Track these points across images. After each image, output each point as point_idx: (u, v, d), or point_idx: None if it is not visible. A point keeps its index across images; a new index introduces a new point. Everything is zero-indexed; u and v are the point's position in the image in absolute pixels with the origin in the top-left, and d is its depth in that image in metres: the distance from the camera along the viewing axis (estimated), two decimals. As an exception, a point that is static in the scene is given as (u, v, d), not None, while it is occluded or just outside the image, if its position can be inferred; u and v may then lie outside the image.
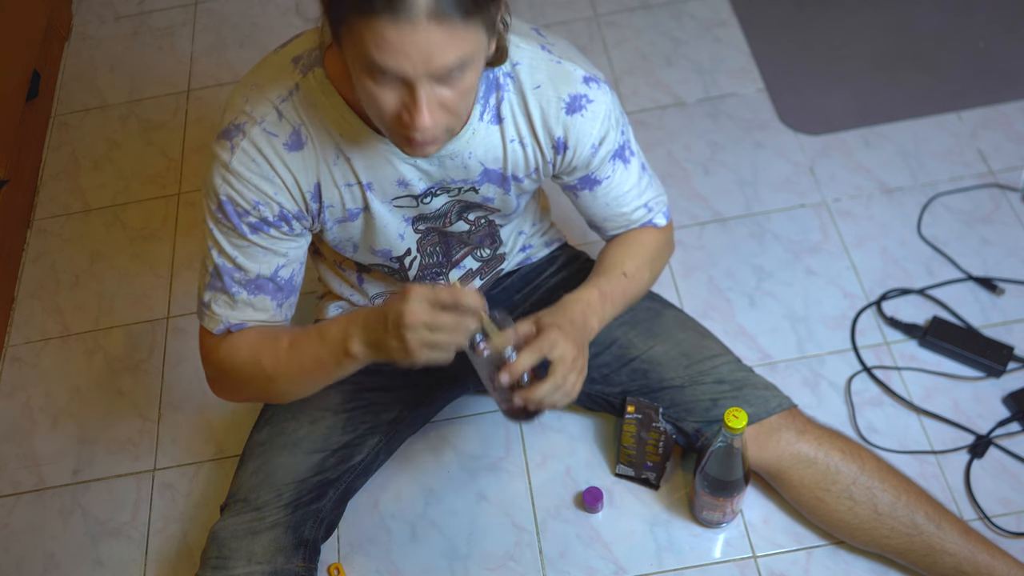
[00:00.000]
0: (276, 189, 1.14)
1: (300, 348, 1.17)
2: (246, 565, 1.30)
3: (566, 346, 1.15)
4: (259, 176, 1.13)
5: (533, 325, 1.17)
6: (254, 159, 1.12)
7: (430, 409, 1.56)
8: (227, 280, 1.19)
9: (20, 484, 1.66)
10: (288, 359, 1.18)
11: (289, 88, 1.12)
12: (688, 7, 2.21)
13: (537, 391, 1.13)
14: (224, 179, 1.13)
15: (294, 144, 1.13)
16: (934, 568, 1.35)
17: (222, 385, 1.29)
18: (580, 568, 1.49)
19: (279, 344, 1.19)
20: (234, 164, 1.12)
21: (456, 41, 0.93)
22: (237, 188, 1.13)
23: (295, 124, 1.12)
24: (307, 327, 1.19)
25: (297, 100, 1.12)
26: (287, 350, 1.18)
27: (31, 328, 1.85)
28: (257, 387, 1.24)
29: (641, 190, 1.32)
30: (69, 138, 2.14)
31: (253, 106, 1.12)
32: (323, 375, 1.18)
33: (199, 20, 2.33)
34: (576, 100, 1.19)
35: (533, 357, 1.12)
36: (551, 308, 1.22)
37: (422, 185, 1.20)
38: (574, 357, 1.16)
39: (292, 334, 1.19)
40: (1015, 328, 1.67)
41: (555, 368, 1.14)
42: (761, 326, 1.71)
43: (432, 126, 0.99)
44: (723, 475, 1.35)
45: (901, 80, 2.02)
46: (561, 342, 1.14)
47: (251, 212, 1.14)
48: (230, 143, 1.12)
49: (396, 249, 1.28)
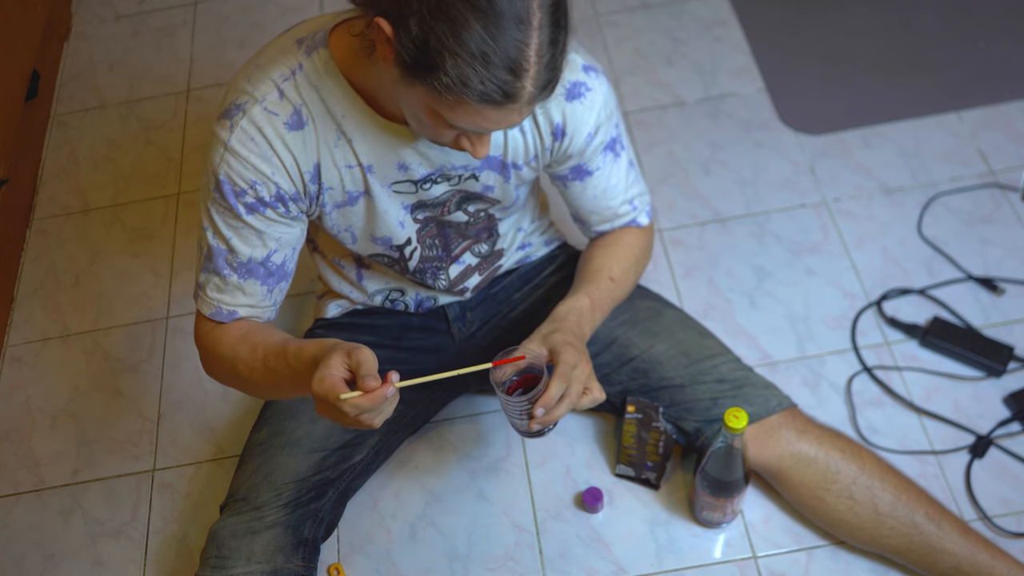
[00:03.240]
0: (274, 169, 1.14)
1: (271, 367, 1.17)
2: (246, 565, 1.30)
3: (583, 365, 1.17)
4: (257, 156, 1.13)
5: (542, 344, 1.18)
6: (253, 138, 1.12)
7: (430, 409, 1.56)
8: (219, 262, 1.19)
9: (20, 484, 1.66)
10: (262, 372, 1.18)
11: (292, 68, 1.12)
12: (688, 7, 2.21)
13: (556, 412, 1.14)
14: (223, 158, 1.13)
15: (294, 124, 1.13)
16: (934, 568, 1.35)
17: (210, 369, 1.30)
18: (580, 568, 1.49)
19: (255, 355, 1.19)
20: (233, 143, 1.12)
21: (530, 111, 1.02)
22: (235, 167, 1.13)
23: (296, 104, 1.13)
24: (283, 344, 1.17)
25: (300, 79, 1.12)
26: (261, 362, 1.18)
27: (30, 328, 1.85)
28: (235, 384, 1.27)
29: (628, 184, 1.34)
30: (69, 138, 2.13)
31: (255, 85, 1.13)
32: (293, 395, 1.20)
33: (199, 20, 2.33)
34: (576, 87, 1.20)
35: (562, 387, 1.14)
36: (552, 322, 1.23)
37: (422, 170, 1.20)
38: (589, 374, 1.18)
39: (267, 347, 1.18)
40: (1015, 328, 1.67)
41: (571, 386, 1.15)
42: (761, 326, 1.71)
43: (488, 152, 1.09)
44: (723, 475, 1.35)
45: (901, 80, 2.02)
46: (580, 362, 1.16)
47: (248, 192, 1.14)
48: (230, 122, 1.13)
49: (396, 237, 1.28)
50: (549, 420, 1.14)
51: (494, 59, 0.92)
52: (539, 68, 0.95)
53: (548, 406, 1.12)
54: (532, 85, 0.96)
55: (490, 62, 0.92)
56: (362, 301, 1.46)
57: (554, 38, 0.96)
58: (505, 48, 0.92)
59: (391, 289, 1.44)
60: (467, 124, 1.00)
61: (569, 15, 0.98)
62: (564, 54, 0.99)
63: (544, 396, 1.12)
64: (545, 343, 1.18)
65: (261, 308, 1.24)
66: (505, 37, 0.92)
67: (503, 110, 0.97)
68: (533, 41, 0.93)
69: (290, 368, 1.13)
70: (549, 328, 1.21)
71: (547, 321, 1.23)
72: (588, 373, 1.18)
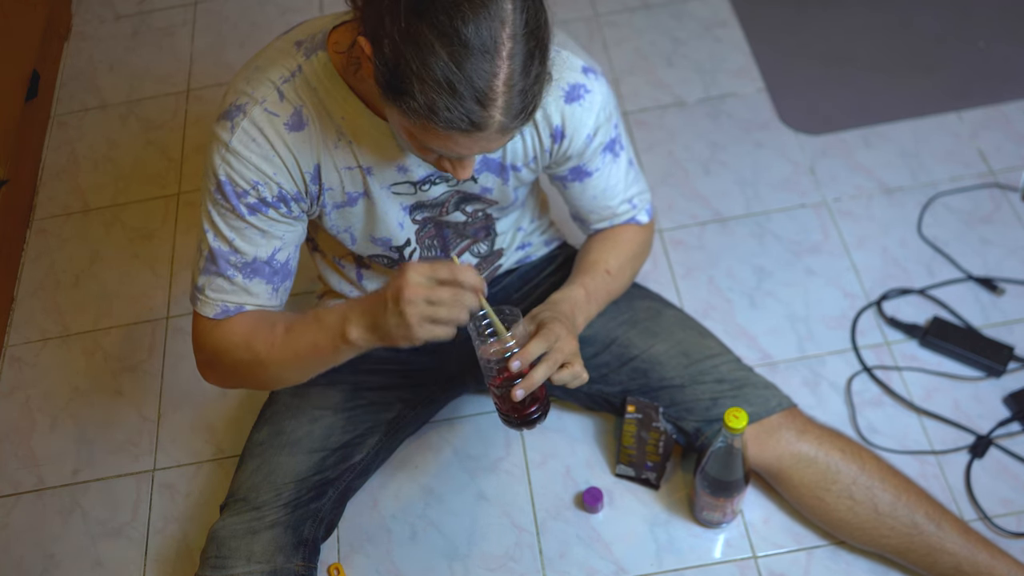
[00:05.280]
0: (276, 169, 1.14)
1: (296, 334, 1.16)
2: (245, 564, 1.30)
3: (568, 339, 1.17)
4: (259, 156, 1.13)
5: (532, 322, 1.20)
6: (254, 139, 1.12)
7: (430, 409, 1.56)
8: (222, 263, 1.19)
9: (20, 484, 1.66)
10: (283, 344, 1.17)
11: (291, 69, 1.12)
12: (688, 7, 2.21)
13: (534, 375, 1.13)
14: (224, 159, 1.13)
15: (295, 124, 1.13)
16: (934, 568, 1.35)
17: (213, 370, 1.28)
18: (580, 568, 1.49)
19: (275, 330, 1.18)
20: (234, 144, 1.12)
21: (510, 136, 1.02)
22: (236, 168, 1.13)
23: (296, 105, 1.13)
24: (304, 313, 1.19)
25: (299, 81, 1.12)
26: (283, 335, 1.17)
27: (30, 328, 1.85)
28: (249, 372, 1.24)
29: (627, 184, 1.34)
30: (69, 138, 2.13)
31: (254, 87, 1.13)
32: (319, 362, 1.18)
33: (199, 20, 2.33)
34: (575, 89, 1.20)
35: (542, 346, 1.14)
36: (543, 305, 1.25)
37: (421, 172, 1.21)
38: (573, 351, 1.18)
39: (288, 319, 1.19)
40: (1015, 328, 1.67)
41: (551, 353, 1.15)
42: (761, 326, 1.71)
43: (470, 174, 1.08)
44: (723, 475, 1.35)
45: (901, 80, 2.02)
46: (564, 335, 1.17)
47: (250, 192, 1.14)
48: (230, 123, 1.12)
49: (396, 238, 1.28)
50: (529, 384, 1.13)
51: (460, 88, 0.92)
52: (508, 98, 0.94)
53: (524, 359, 1.12)
54: (501, 114, 0.95)
55: (456, 91, 0.92)
56: (362, 300, 1.46)
57: (526, 68, 0.94)
58: (471, 78, 0.92)
59: None
60: (440, 148, 1.01)
61: (547, 43, 0.97)
62: (541, 82, 0.98)
63: (523, 350, 1.12)
64: (533, 321, 1.20)
65: (268, 308, 1.24)
66: (471, 67, 0.91)
67: (472, 137, 0.97)
68: (502, 72, 0.93)
69: (319, 323, 1.13)
70: (540, 310, 1.23)
71: (540, 306, 1.25)
72: (572, 350, 1.18)
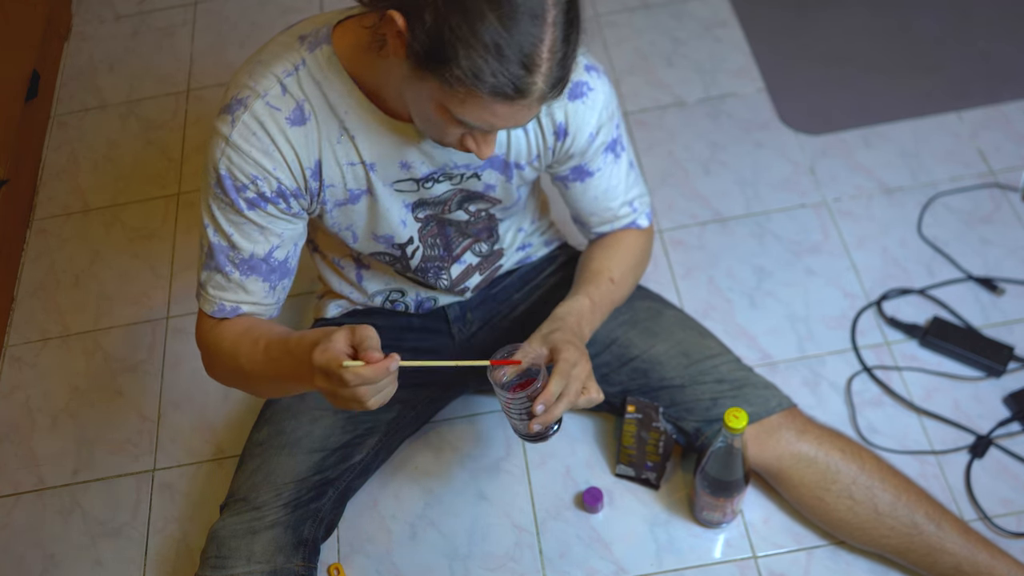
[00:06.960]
0: (275, 164, 1.14)
1: (273, 359, 1.15)
2: (245, 564, 1.30)
3: (582, 363, 1.17)
4: (259, 150, 1.12)
5: (543, 344, 1.19)
6: (255, 132, 1.12)
7: (430, 409, 1.56)
8: (221, 259, 1.19)
9: (20, 484, 1.66)
10: (263, 364, 1.16)
11: (295, 63, 1.12)
12: (688, 7, 2.21)
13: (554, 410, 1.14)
14: (224, 153, 1.13)
15: (296, 119, 1.13)
16: (934, 568, 1.35)
17: (212, 369, 1.28)
18: (580, 568, 1.49)
19: (257, 346, 1.17)
20: (234, 137, 1.12)
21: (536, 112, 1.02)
22: (236, 162, 1.12)
23: (298, 99, 1.12)
24: (285, 336, 1.15)
25: (303, 75, 1.12)
26: (263, 353, 1.16)
27: (30, 328, 1.85)
28: (238, 380, 1.25)
29: (628, 186, 1.34)
30: (69, 138, 2.13)
31: (257, 80, 1.12)
32: (295, 388, 1.18)
33: (199, 20, 2.33)
34: (578, 87, 1.20)
35: (561, 384, 1.14)
36: (552, 322, 1.23)
37: (424, 169, 1.20)
38: (588, 373, 1.18)
39: (268, 339, 1.17)
40: (1015, 328, 1.67)
41: (570, 384, 1.15)
42: (761, 326, 1.71)
43: (493, 152, 1.09)
44: (723, 475, 1.35)
45: (901, 80, 2.02)
46: (577, 358, 1.16)
47: (249, 187, 1.14)
48: (231, 117, 1.12)
49: (399, 236, 1.28)
50: (548, 419, 1.14)
51: (508, 52, 0.92)
52: (551, 64, 0.95)
53: (547, 403, 1.12)
54: (543, 82, 0.96)
55: (503, 55, 0.93)
56: (362, 302, 1.46)
57: (567, 36, 0.96)
58: (519, 42, 0.92)
59: (391, 290, 1.44)
60: (475, 119, 1.00)
61: (581, 15, 0.98)
62: (575, 53, 0.99)
63: (543, 393, 1.12)
64: (545, 342, 1.19)
65: (264, 306, 1.24)
66: (520, 30, 0.92)
67: (513, 106, 0.97)
68: (547, 37, 0.94)
69: (291, 356, 1.11)
70: (549, 328, 1.22)
71: (547, 321, 1.24)
72: (587, 373, 1.18)
